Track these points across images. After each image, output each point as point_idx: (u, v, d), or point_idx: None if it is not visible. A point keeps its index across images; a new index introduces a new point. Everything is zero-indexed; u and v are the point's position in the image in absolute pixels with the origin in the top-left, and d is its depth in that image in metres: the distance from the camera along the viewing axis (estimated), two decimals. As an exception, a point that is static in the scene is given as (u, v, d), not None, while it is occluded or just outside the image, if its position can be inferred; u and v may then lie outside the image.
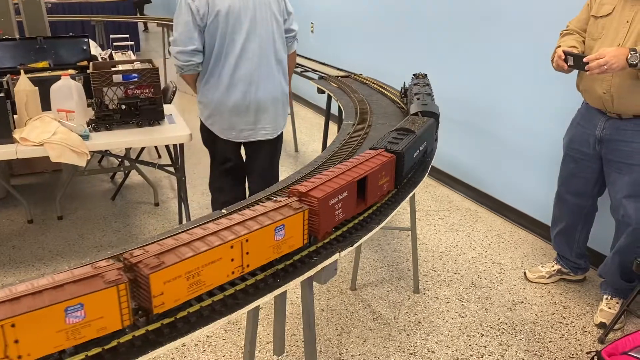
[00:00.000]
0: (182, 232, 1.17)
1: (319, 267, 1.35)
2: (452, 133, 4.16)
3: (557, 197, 2.85)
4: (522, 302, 2.81)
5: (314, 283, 1.40)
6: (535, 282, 2.97)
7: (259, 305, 1.61)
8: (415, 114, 2.36)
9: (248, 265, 1.20)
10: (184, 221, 3.47)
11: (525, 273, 3.03)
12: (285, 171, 4.58)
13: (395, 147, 1.75)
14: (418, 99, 2.52)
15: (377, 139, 1.87)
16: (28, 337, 0.88)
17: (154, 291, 1.02)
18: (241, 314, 1.19)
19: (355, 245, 1.46)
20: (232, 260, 1.15)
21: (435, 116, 2.35)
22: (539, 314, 2.72)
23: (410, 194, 1.86)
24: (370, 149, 1.76)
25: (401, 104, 2.97)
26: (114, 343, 1.01)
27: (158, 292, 1.03)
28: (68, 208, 3.82)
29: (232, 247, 1.14)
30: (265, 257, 1.23)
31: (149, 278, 1.00)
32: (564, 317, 2.69)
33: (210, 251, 1.10)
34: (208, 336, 2.52)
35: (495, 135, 3.75)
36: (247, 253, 1.18)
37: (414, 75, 3.07)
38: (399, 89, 3.20)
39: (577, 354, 2.43)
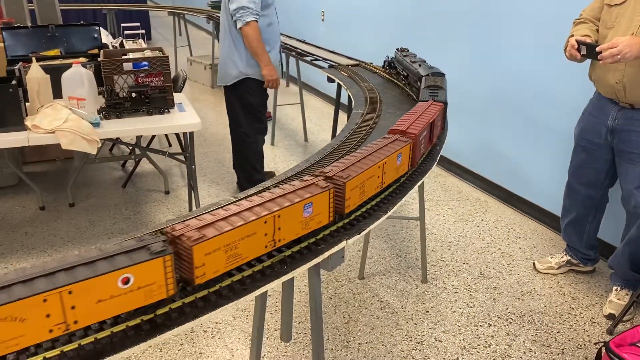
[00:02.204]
0: (218, 208, 1.24)
1: (326, 254, 1.35)
2: (463, 123, 4.13)
3: (568, 188, 2.83)
4: (530, 292, 2.80)
5: (322, 272, 1.41)
6: (544, 273, 2.96)
7: (266, 291, 1.62)
8: (426, 75, 2.58)
9: (280, 240, 1.26)
10: (194, 209, 3.50)
11: (534, 264, 3.02)
12: (294, 160, 4.59)
13: (441, 99, 2.25)
14: (420, 65, 2.76)
15: (387, 128, 1.88)
16: (84, 303, 0.95)
17: (196, 262, 1.08)
18: (249, 299, 1.20)
19: (363, 233, 1.46)
20: (265, 234, 1.22)
21: (442, 75, 2.65)
22: (548, 304, 2.71)
23: (419, 182, 1.86)
24: (420, 100, 2.23)
25: (410, 92, 2.97)
26: (160, 311, 1.08)
27: (200, 263, 1.09)
28: (79, 195, 3.86)
29: (265, 222, 1.20)
30: (295, 233, 1.29)
31: (192, 250, 1.06)
32: (573, 308, 2.68)
33: (246, 225, 1.16)
34: (217, 323, 2.55)
35: (506, 125, 3.73)
36: (279, 228, 1.24)
37: (397, 49, 3.26)
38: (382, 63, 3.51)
39: (585, 345, 2.42)
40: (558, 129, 3.26)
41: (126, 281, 0.99)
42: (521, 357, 2.34)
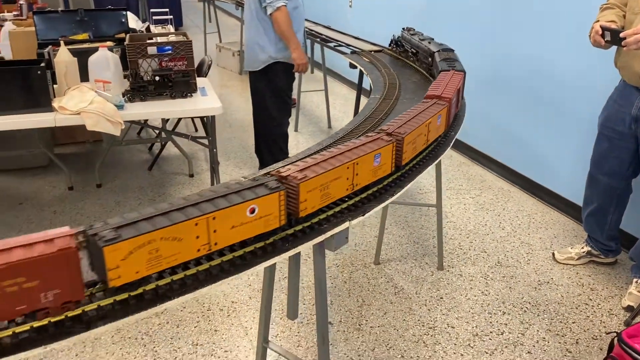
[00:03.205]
0: (306, 157, 1.46)
1: (328, 234, 1.38)
2: (487, 111, 4.08)
3: (590, 178, 2.78)
4: (548, 282, 2.78)
5: (339, 256, 1.44)
6: (564, 264, 2.92)
7: (274, 266, 1.66)
8: (438, 51, 2.77)
9: (357, 184, 1.47)
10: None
11: (553, 254, 2.98)
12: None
13: (459, 69, 2.45)
14: (429, 42, 2.97)
15: (402, 112, 1.91)
16: (222, 228, 1.14)
17: (301, 198, 1.28)
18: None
19: (367, 214, 1.48)
20: (347, 179, 1.43)
21: (452, 50, 2.81)
22: (565, 294, 2.68)
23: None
24: (442, 70, 2.39)
25: (420, 68, 3.15)
26: (274, 237, 1.30)
27: (303, 199, 1.29)
28: (107, 177, 3.97)
29: (348, 167, 1.41)
30: (367, 179, 1.51)
31: (299, 187, 1.26)
32: (591, 299, 2.65)
33: (334, 170, 1.36)
34: (233, 302, 2.61)
35: (530, 113, 3.67)
36: (357, 174, 1.46)
37: (403, 29, 3.48)
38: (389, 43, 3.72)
39: (600, 336, 2.39)
40: (583, 118, 3.20)
41: (252, 211, 1.19)
42: (534, 346, 2.33)
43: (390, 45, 3.71)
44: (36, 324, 0.99)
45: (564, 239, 3.18)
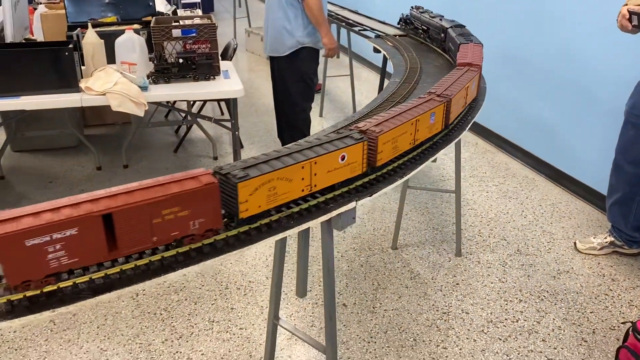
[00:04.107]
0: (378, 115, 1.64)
1: (334, 213, 1.39)
2: (512, 97, 4.01)
3: (615, 166, 2.71)
4: (567, 271, 2.74)
5: (357, 239, 1.46)
6: (585, 253, 2.87)
7: (285, 245, 1.69)
8: (450, 27, 2.93)
9: (417, 139, 1.67)
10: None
11: (575, 243, 2.93)
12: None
13: (476, 41, 2.63)
14: (441, 19, 3.13)
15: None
16: (320, 172, 1.35)
17: (379, 149, 1.47)
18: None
19: (375, 195, 1.49)
20: (411, 134, 1.62)
21: (464, 26, 2.96)
22: (584, 284, 2.64)
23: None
24: (460, 44, 2.56)
25: (431, 45, 3.31)
26: (357, 182, 1.51)
27: (380, 150, 1.48)
28: (133, 158, 4.07)
29: (412, 124, 1.60)
30: (424, 135, 1.71)
31: (377, 139, 1.45)
32: (611, 290, 2.60)
33: (402, 125, 1.55)
34: (250, 281, 2.65)
35: (556, 100, 3.59)
36: (417, 130, 1.66)
37: (412, 7, 3.65)
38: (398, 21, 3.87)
39: (618, 327, 2.35)
40: (609, 105, 3.12)
41: (343, 158, 1.38)
42: (549, 334, 2.31)
43: (399, 23, 3.86)
44: (180, 250, 1.20)
45: (587, 229, 3.12)
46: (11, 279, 0.96)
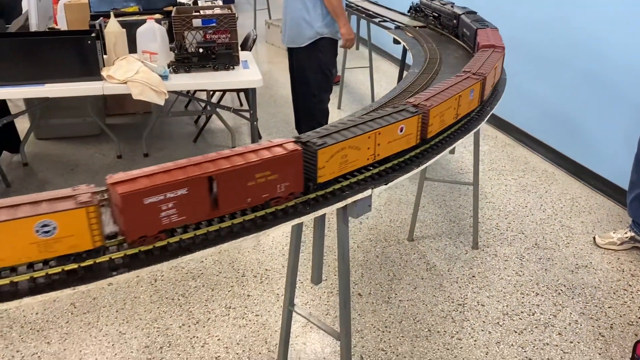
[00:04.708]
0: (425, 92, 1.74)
1: (350, 200, 1.40)
2: (533, 90, 3.97)
3: (636, 161, 2.67)
4: (586, 266, 2.71)
5: (372, 230, 1.47)
6: (605, 248, 2.84)
7: (301, 231, 1.70)
8: (463, 13, 3.01)
9: (459, 114, 1.80)
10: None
11: (594, 238, 2.90)
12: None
13: (492, 26, 2.70)
14: (452, 6, 3.21)
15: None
16: (383, 142, 1.45)
17: (430, 121, 1.58)
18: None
19: (390, 184, 1.49)
20: (454, 109, 1.74)
21: (475, 13, 3.01)
22: (603, 279, 2.61)
23: (454, 145, 1.85)
24: (478, 29, 2.64)
25: (442, 31, 3.37)
26: (410, 154, 1.63)
27: (431, 122, 1.60)
28: (154, 147, 4.12)
29: (456, 99, 1.73)
30: (464, 111, 1.84)
31: (429, 112, 1.58)
32: (630, 285, 2.57)
33: (449, 100, 1.67)
34: (267, 269, 2.68)
35: (577, 93, 3.54)
36: (460, 105, 1.77)
37: None
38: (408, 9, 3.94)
39: (637, 322, 2.33)
40: (634, 98, 3.06)
41: (401, 129, 1.49)
42: (565, 328, 2.30)
43: (409, 11, 3.94)
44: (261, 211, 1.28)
45: (607, 224, 3.08)
46: (129, 235, 1.06)
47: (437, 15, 3.44)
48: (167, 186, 1.06)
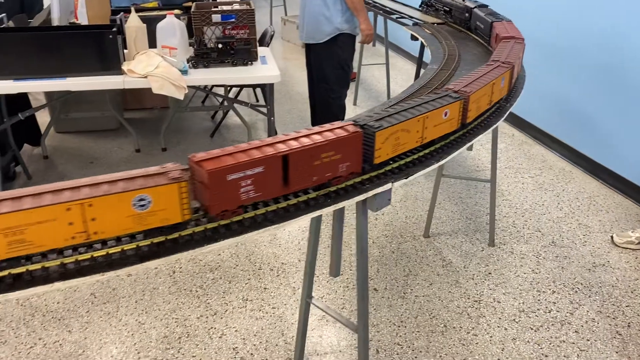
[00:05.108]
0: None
1: (370, 193, 1.41)
2: (550, 87, 3.94)
3: (656, 159, 2.65)
4: (603, 265, 2.70)
5: (388, 226, 1.48)
6: (623, 247, 2.82)
7: (320, 224, 1.72)
8: (475, 7, 3.07)
9: (492, 100, 1.85)
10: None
11: (612, 237, 2.88)
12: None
13: (505, 19, 2.74)
14: (463, 0, 3.30)
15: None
16: (429, 125, 1.52)
17: (470, 107, 1.67)
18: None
19: (410, 177, 1.50)
20: (488, 95, 1.80)
21: (487, 6, 3.08)
22: (621, 278, 2.60)
23: (474, 140, 1.85)
24: (493, 22, 2.71)
25: (454, 24, 3.43)
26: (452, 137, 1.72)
27: (470, 108, 1.67)
28: (171, 141, 4.16)
29: (490, 87, 1.80)
30: (497, 97, 1.92)
31: (469, 98, 1.64)
32: (648, 285, 2.55)
33: (485, 87, 1.75)
34: (283, 263, 2.70)
35: (596, 91, 3.51)
36: (493, 92, 1.84)
37: None
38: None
39: (655, 321, 2.32)
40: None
41: (446, 114, 1.56)
42: (582, 326, 2.29)
43: (420, 6, 4.01)
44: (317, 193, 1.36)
45: (625, 223, 3.06)
46: (213, 209, 1.14)
47: (448, 9, 3.51)
48: (247, 164, 1.14)
